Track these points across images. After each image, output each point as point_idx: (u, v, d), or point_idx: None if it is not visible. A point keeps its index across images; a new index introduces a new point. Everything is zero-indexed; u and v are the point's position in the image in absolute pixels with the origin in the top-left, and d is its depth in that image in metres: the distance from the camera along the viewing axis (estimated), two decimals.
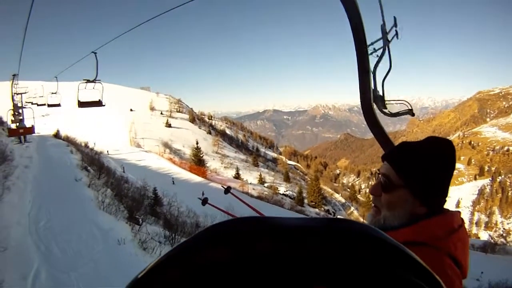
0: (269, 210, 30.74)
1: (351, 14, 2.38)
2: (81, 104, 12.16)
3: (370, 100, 2.49)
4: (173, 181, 33.65)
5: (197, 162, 49.77)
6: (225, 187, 5.30)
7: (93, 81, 11.28)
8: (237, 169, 58.57)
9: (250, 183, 51.07)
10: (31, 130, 21.00)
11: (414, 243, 0.97)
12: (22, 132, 20.82)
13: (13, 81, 21.42)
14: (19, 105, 21.96)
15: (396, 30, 2.67)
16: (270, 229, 0.27)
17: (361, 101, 2.55)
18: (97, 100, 12.77)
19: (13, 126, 20.73)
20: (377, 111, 2.71)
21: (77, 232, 9.36)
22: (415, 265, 0.26)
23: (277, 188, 57.93)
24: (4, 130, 19.39)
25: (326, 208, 60.89)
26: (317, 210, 53.48)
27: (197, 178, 39.45)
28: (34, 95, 23.18)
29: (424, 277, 0.25)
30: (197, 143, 55.59)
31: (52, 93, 17.76)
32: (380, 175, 1.16)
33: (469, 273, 1.01)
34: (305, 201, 56.21)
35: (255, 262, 0.24)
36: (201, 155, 52.35)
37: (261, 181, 59.76)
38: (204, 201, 5.02)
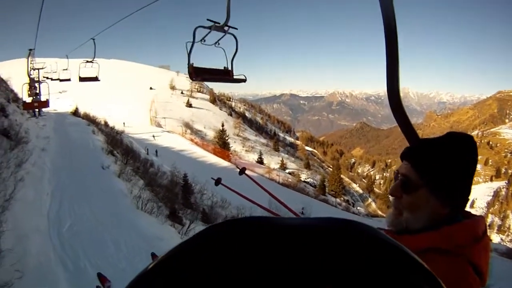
0: (295, 197, 29.04)
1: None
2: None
3: (398, 89, 1.97)
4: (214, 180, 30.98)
5: (222, 145, 47.88)
6: (240, 168, 4.54)
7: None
8: (260, 154, 56.78)
9: (274, 169, 49.00)
10: (46, 103, 19.78)
11: (438, 250, 0.95)
12: (37, 105, 19.59)
13: (29, 55, 20.86)
14: (36, 79, 21.45)
15: None
16: (270, 230, 0.27)
17: (387, 90, 2.00)
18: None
19: (29, 99, 19.73)
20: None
21: (114, 240, 7.11)
22: (418, 267, 0.26)
23: (299, 175, 56.31)
24: (19, 107, 17.96)
25: (345, 198, 59.96)
26: (338, 200, 51.57)
27: (223, 162, 37.13)
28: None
29: (428, 281, 0.25)
30: (222, 126, 53.74)
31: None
32: (399, 176, 1.10)
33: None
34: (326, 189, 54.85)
35: (255, 263, 0.24)
36: (226, 138, 50.50)
37: (283, 167, 57.84)
38: (218, 182, 4.54)
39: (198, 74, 5.57)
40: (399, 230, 1.09)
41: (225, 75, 6.16)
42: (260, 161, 52.01)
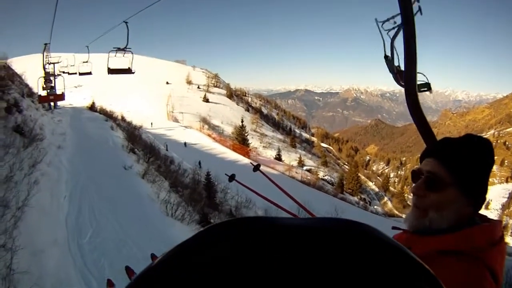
0: (315, 195, 28.20)
1: None
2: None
3: (415, 87, 2.15)
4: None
5: (241, 141, 46.69)
6: (255, 164, 4.27)
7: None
8: (279, 150, 55.47)
9: (293, 166, 47.94)
10: (61, 97, 21.94)
11: (456, 252, 0.95)
12: (53, 98, 21.48)
13: (44, 49, 22.57)
14: (51, 73, 23.08)
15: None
16: (271, 230, 0.27)
17: (405, 87, 2.19)
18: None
19: (44, 93, 21.12)
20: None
21: (144, 254, 5.90)
22: (419, 269, 0.26)
23: (317, 173, 55.53)
24: (34, 102, 17.27)
25: (362, 196, 59.06)
26: (356, 198, 51.47)
27: (243, 159, 35.60)
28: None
29: (429, 282, 0.25)
30: (242, 121, 52.50)
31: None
32: (424, 173, 1.08)
33: None
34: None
35: (255, 263, 0.24)
36: (245, 134, 49.22)
37: (301, 164, 56.81)
38: (231, 178, 4.20)
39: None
40: (420, 230, 1.06)
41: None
42: (279, 158, 50.81)
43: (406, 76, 2.09)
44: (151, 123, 41.07)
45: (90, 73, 17.29)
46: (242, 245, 0.26)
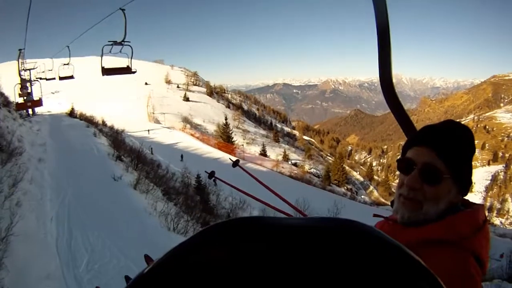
0: (304, 189, 27.45)
1: None
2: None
3: (391, 75, 2.03)
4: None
5: (226, 139, 46.16)
6: (233, 160, 4.10)
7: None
8: (263, 146, 54.78)
9: (280, 161, 47.20)
10: (39, 103, 21.76)
11: (442, 242, 0.95)
12: (30, 105, 21.18)
13: (19, 56, 21.96)
14: (27, 79, 22.62)
15: None
16: (269, 230, 0.27)
17: (380, 77, 2.05)
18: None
19: (21, 100, 20.86)
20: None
21: None
22: (418, 268, 0.25)
23: (304, 166, 55.47)
24: (11, 111, 16.58)
25: (348, 187, 58.84)
26: (343, 189, 50.89)
27: (230, 157, 34.34)
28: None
29: (428, 281, 0.25)
30: (226, 119, 51.97)
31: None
32: (420, 165, 1.02)
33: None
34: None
35: (252, 264, 0.24)
36: (230, 132, 48.67)
37: (286, 158, 56.20)
38: (211, 175, 4.22)
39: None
40: (413, 221, 1.02)
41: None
42: (264, 154, 50.07)
43: (380, 64, 1.99)
44: (148, 130, 40.23)
45: (71, 77, 16.00)
46: (239, 246, 0.26)
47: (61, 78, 16.61)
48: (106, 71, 10.67)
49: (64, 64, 15.40)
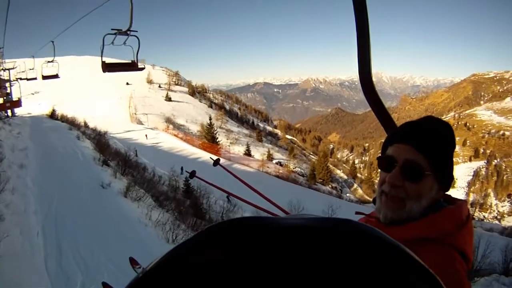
0: (294, 190, 28.26)
1: None
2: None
3: (370, 73, 2.03)
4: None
5: (210, 139, 45.49)
6: (214, 159, 4.19)
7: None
8: (248, 146, 53.91)
9: (266, 161, 46.89)
10: (17, 103, 20.79)
11: (425, 240, 0.94)
12: (9, 106, 20.46)
13: None
14: (6, 79, 22.03)
15: None
16: (267, 230, 0.27)
17: (359, 75, 2.06)
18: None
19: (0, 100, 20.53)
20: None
21: None
22: (417, 266, 0.25)
23: (289, 166, 55.05)
24: None
25: (333, 185, 58.80)
26: (328, 188, 51.14)
27: (213, 157, 33.66)
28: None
29: (427, 281, 0.25)
30: (210, 119, 51.28)
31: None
32: (401, 161, 1.01)
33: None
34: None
35: (250, 264, 0.24)
36: (214, 132, 48.09)
37: (270, 158, 55.92)
38: (192, 174, 4.24)
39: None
40: (396, 220, 1.01)
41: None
42: (248, 153, 49.60)
43: (360, 62, 1.97)
44: (146, 135, 39.05)
45: (56, 76, 14.82)
46: (236, 247, 0.26)
47: (44, 78, 14.63)
48: (108, 67, 8.46)
49: (48, 62, 13.86)
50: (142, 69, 8.45)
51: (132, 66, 9.83)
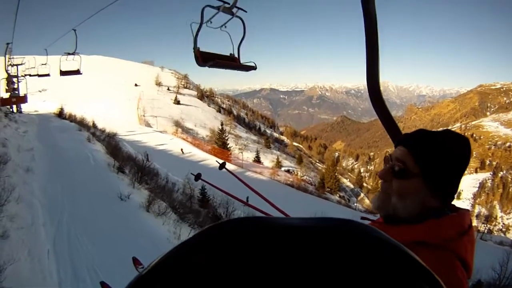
0: (317, 202, 28.27)
1: None
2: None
3: (378, 82, 2.07)
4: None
5: (221, 145, 44.18)
6: (220, 162, 4.39)
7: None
8: (257, 152, 52.95)
9: (276, 169, 45.83)
10: (23, 99, 22.07)
11: (426, 244, 0.95)
12: (15, 101, 21.49)
13: (6, 49, 22.08)
14: (14, 74, 22.75)
15: None
16: (268, 230, 0.27)
17: (367, 83, 2.10)
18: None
19: (6, 95, 21.22)
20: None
21: None
22: (417, 267, 0.26)
23: (297, 173, 53.23)
24: None
25: (341, 194, 57.98)
26: (336, 197, 50.37)
27: (230, 166, 32.52)
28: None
29: (427, 280, 0.25)
30: (221, 124, 50.12)
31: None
32: (392, 160, 1.09)
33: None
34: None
35: (252, 263, 0.24)
36: (225, 138, 46.64)
37: (279, 165, 54.29)
38: (197, 177, 4.15)
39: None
40: (385, 215, 1.08)
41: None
42: (258, 160, 48.64)
43: (368, 70, 1.95)
44: (181, 149, 36.90)
45: (78, 72, 14.51)
46: (238, 246, 0.26)
47: (63, 73, 13.56)
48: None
49: (68, 54, 12.76)
50: (253, 68, 5.55)
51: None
